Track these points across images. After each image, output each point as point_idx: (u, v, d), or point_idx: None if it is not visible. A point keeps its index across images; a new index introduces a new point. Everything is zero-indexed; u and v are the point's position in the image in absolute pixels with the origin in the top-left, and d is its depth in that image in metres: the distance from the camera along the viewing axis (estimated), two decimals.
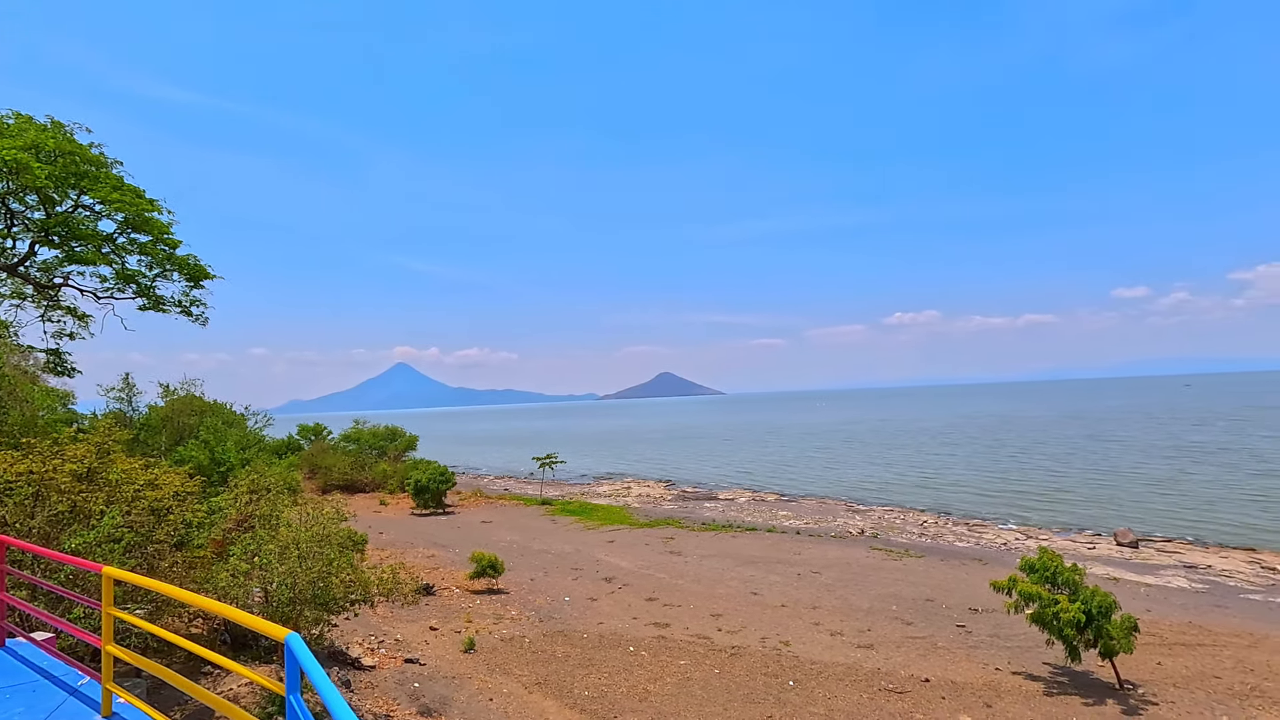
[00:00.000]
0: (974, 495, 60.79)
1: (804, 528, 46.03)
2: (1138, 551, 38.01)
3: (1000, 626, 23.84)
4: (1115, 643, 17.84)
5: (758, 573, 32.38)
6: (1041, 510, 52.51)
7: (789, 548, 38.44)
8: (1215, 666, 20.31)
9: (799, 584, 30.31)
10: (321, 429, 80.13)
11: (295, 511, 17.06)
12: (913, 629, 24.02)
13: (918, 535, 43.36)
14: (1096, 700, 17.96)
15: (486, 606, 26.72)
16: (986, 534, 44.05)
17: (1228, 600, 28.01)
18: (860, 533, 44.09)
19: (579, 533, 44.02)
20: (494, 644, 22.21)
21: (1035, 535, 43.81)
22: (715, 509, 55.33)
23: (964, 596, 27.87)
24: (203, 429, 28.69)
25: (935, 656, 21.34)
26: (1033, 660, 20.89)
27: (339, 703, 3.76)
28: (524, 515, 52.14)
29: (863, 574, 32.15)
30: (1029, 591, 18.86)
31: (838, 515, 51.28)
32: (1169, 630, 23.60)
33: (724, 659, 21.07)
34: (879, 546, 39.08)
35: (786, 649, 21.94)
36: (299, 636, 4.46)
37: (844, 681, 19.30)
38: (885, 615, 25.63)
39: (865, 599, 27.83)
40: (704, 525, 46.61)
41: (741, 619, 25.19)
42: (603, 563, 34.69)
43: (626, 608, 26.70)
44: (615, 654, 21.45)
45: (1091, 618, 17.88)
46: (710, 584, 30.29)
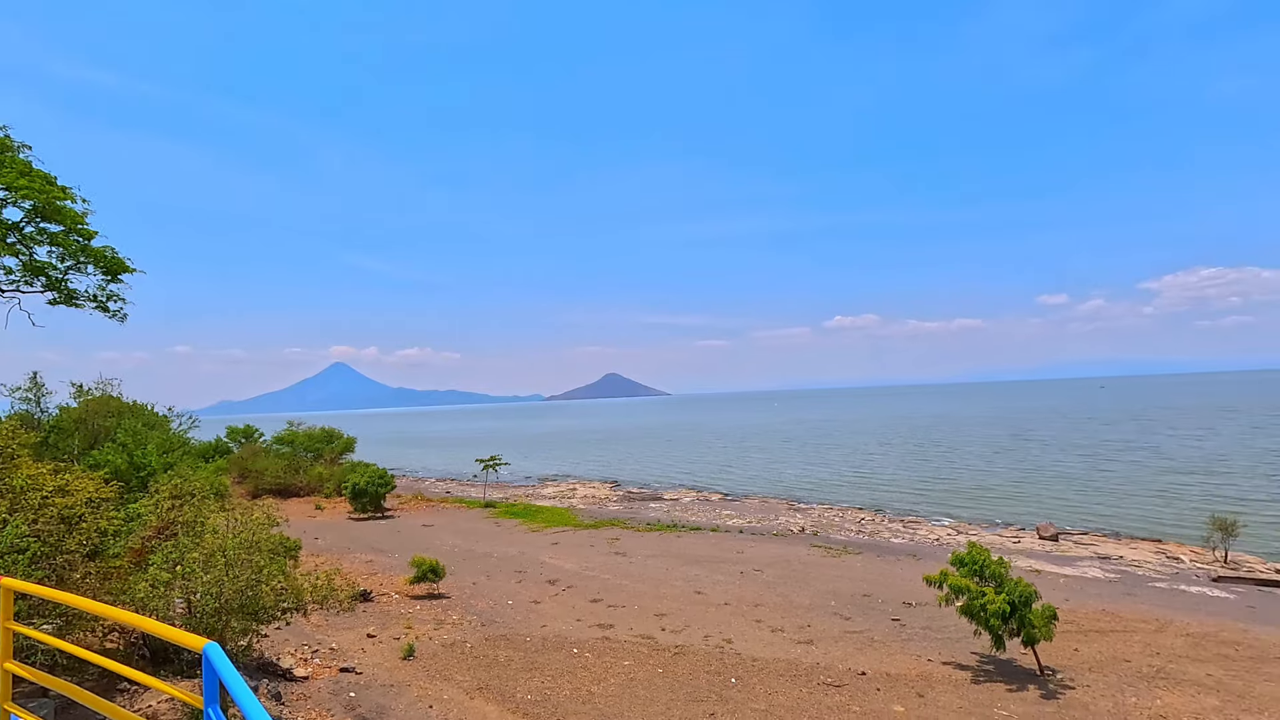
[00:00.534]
0: (908, 493, 63.02)
1: (747, 527, 46.75)
2: (1057, 544, 40.13)
3: (933, 619, 24.75)
4: (1036, 631, 18.79)
5: (702, 572, 32.69)
6: (971, 506, 54.87)
7: (732, 547, 38.97)
8: (1125, 650, 21.63)
9: (742, 582, 30.75)
10: (253, 431, 76.80)
11: (223, 517, 16.27)
12: (850, 624, 24.70)
13: (856, 532, 44.64)
14: (1019, 686, 18.87)
15: (427, 612, 26.11)
16: (920, 530, 45.72)
17: (1137, 588, 29.88)
18: (801, 531, 45.08)
19: (523, 535, 43.54)
20: (434, 650, 21.73)
21: (966, 531, 45.75)
22: (660, 509, 55.60)
23: (899, 591, 28.83)
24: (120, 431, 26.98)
25: (872, 650, 22.00)
26: (962, 650, 21.78)
27: (259, 713, 3.59)
28: (467, 518, 51.22)
29: (803, 571, 32.86)
30: (959, 585, 19.67)
31: (779, 514, 52.28)
32: (1085, 618, 24.99)
33: (668, 658, 21.19)
34: (819, 544, 40.04)
35: (729, 647, 22.23)
36: (217, 646, 4.25)
37: (784, 677, 19.68)
38: (825, 611, 26.27)
39: (806, 596, 28.45)
40: (649, 526, 46.79)
41: (685, 618, 25.38)
42: (547, 565, 34.40)
43: (570, 609, 26.55)
44: (559, 656, 21.29)
45: (1015, 608, 18.78)
46: (655, 584, 30.42)
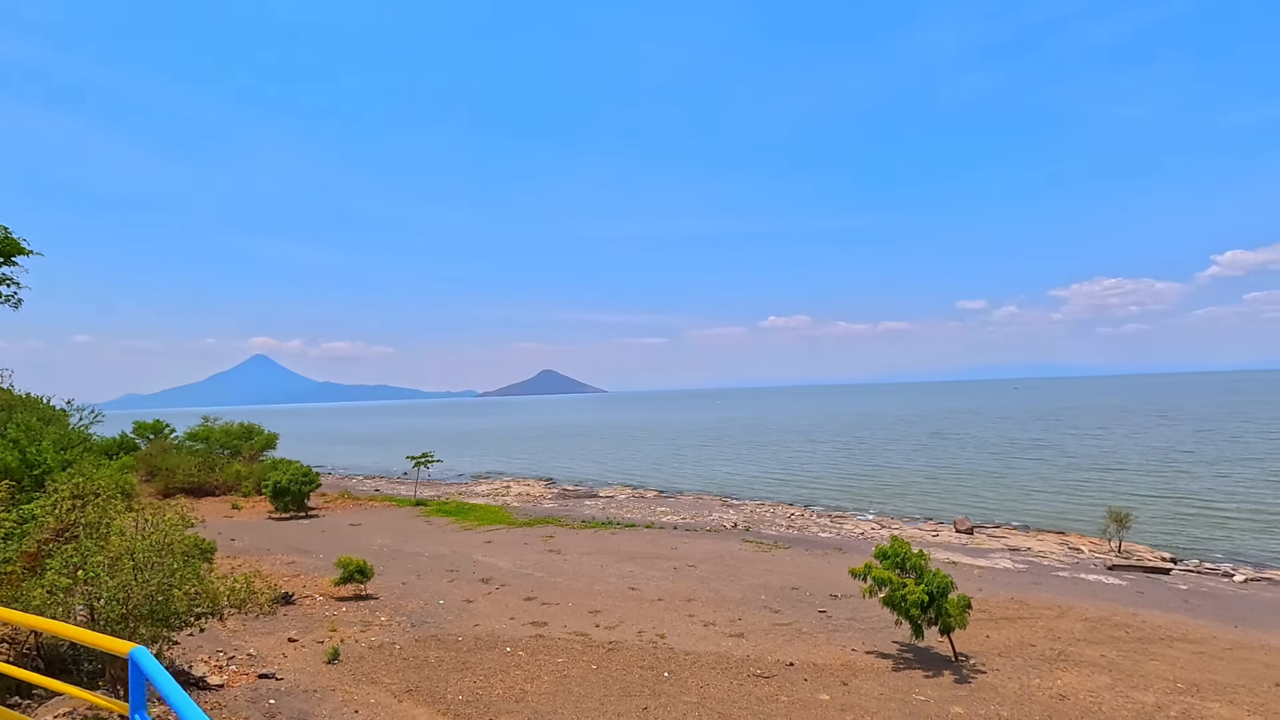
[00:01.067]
0: (836, 489, 65.24)
1: (681, 523, 47.33)
2: (973, 537, 42.39)
3: (857, 610, 25.74)
4: (952, 620, 19.84)
5: (636, 568, 32.92)
6: (894, 502, 57.28)
7: (666, 543, 39.39)
8: (1031, 636, 23.09)
9: (675, 578, 31.14)
10: (162, 426, 72.38)
11: (131, 518, 15.29)
12: (780, 616, 25.40)
13: (786, 527, 45.89)
14: (936, 672, 19.87)
15: (353, 613, 25.30)
16: (847, 524, 47.41)
17: (1043, 578, 31.92)
18: (734, 526, 46.01)
19: (455, 534, 42.71)
20: (361, 652, 21.08)
21: (889, 525, 47.73)
22: (596, 506, 55.61)
23: (826, 584, 29.82)
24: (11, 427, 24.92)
25: (800, 641, 22.69)
26: (884, 640, 22.75)
27: (198, 716, 3.43)
28: (397, 517, 49.83)
29: (735, 566, 33.55)
30: (882, 577, 20.54)
31: (713, 510, 53.17)
32: (996, 606, 26.52)
33: (602, 654, 21.25)
34: (750, 539, 40.95)
35: (663, 641, 22.48)
36: (145, 650, 4.04)
37: (716, 670, 20.07)
38: (755, 605, 26.91)
39: (737, 590, 29.06)
40: (584, 523, 46.73)
41: (620, 614, 25.51)
42: (480, 563, 33.89)
43: (504, 608, 26.26)
44: (491, 655, 21.04)
45: (933, 598, 19.77)
46: (589, 581, 30.43)
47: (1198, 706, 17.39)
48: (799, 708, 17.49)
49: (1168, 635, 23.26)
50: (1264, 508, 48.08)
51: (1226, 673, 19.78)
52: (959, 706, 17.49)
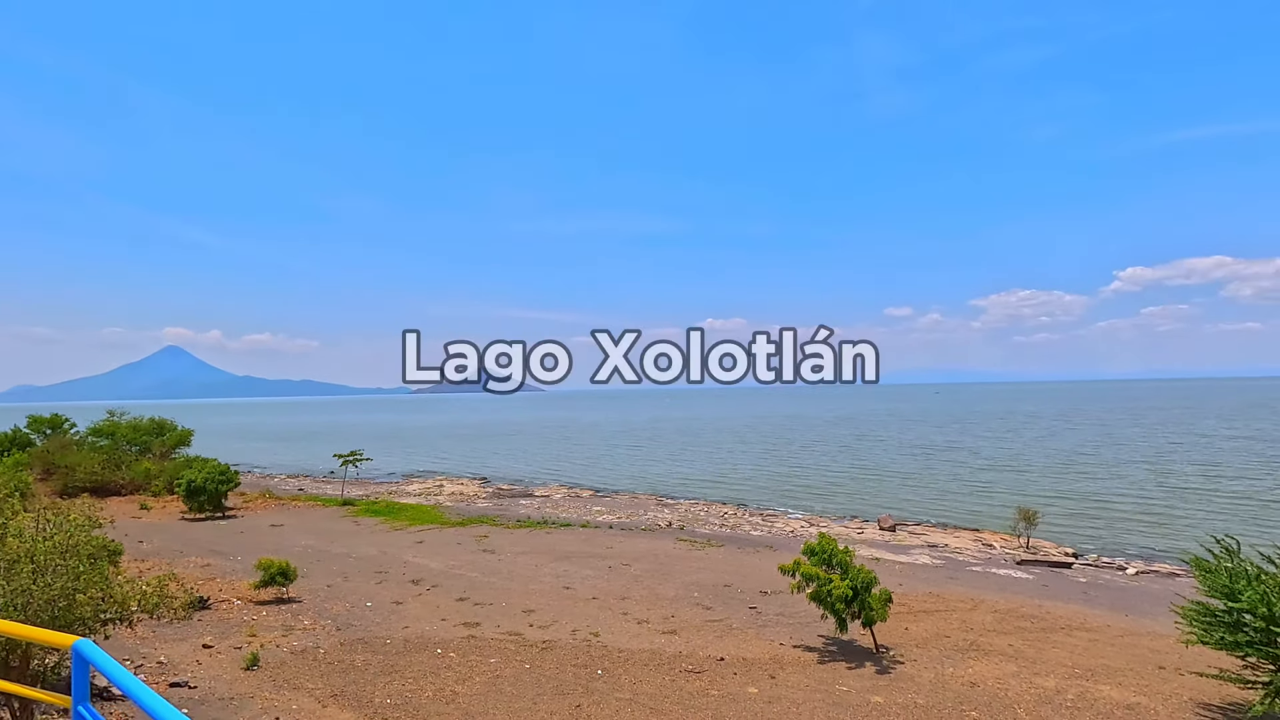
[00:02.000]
0: (767, 488, 66.90)
1: (617, 522, 47.54)
2: (895, 535, 44.32)
3: (786, 606, 26.52)
4: (874, 613, 20.75)
5: (571, 567, 32.89)
6: (822, 500, 59.23)
7: (602, 542, 39.50)
8: (946, 628, 24.37)
9: (610, 576, 31.29)
10: (61, 420, 67.49)
11: (30, 518, 14.29)
12: (711, 613, 25.92)
13: (719, 526, 46.76)
14: (858, 664, 20.74)
15: (274, 618, 24.32)
16: (778, 523, 48.72)
17: (958, 572, 33.70)
18: (668, 525, 46.56)
19: (385, 534, 41.58)
20: (282, 658, 20.30)
21: (817, 523, 49.31)
22: (531, 506, 55.17)
23: (757, 581, 30.59)
24: None
25: (730, 637, 23.23)
26: (810, 634, 23.55)
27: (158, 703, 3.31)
28: (322, 517, 48.05)
29: (670, 564, 33.99)
30: (809, 573, 21.29)
31: (648, 509, 53.63)
32: (915, 600, 27.83)
33: (535, 654, 21.18)
34: (685, 538, 41.54)
35: (596, 640, 22.59)
36: (89, 641, 3.88)
37: (649, 666, 20.33)
38: (688, 602, 27.36)
39: (671, 588, 29.47)
40: (519, 522, 46.31)
41: (554, 613, 25.46)
42: (411, 564, 33.13)
43: (435, 609, 25.78)
44: (421, 658, 20.65)
45: (857, 593, 20.63)
46: (524, 581, 30.23)
47: (1092, 689, 18.79)
48: (728, 701, 17.94)
49: (1068, 625, 24.98)
50: (1152, 507, 52.25)
51: (1118, 658, 21.42)
52: (879, 696, 18.32)
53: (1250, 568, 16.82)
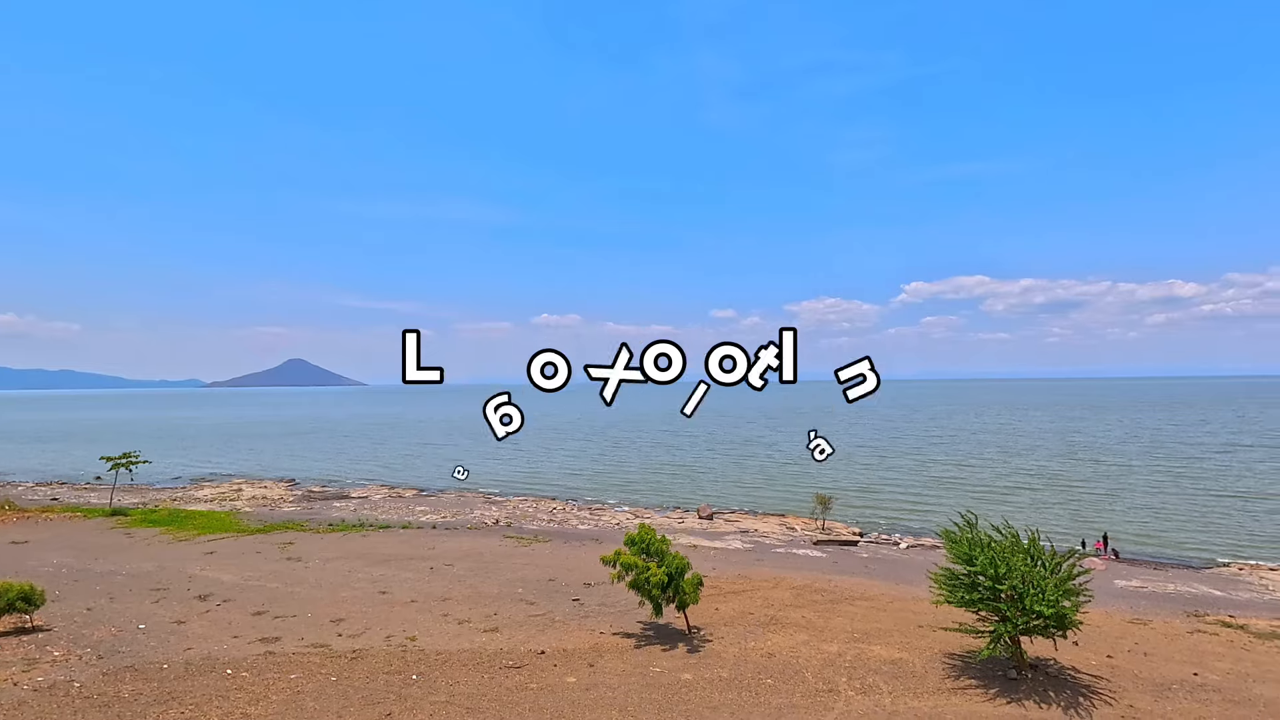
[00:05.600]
0: (595, 482, 68.29)
1: (441, 521, 45.91)
2: (712, 522, 47.31)
3: (608, 596, 27.32)
4: (687, 597, 22.11)
5: (389, 571, 31.29)
6: (647, 493, 61.62)
7: (424, 542, 37.98)
8: (751, 606, 26.55)
9: (431, 578, 30.22)
10: None
11: None
12: (535, 608, 26.01)
13: (547, 521, 46.92)
14: (672, 645, 21.96)
15: (13, 651, 20.55)
16: (604, 516, 49.92)
17: (764, 555, 36.79)
18: (495, 523, 45.84)
19: (166, 546, 36.68)
20: (23, 697, 17.26)
21: (642, 514, 51.23)
22: (346, 508, 51.53)
23: (582, 573, 31.16)
24: None
25: (552, 630, 23.49)
26: (630, 621, 24.50)
27: None
28: (83, 530, 41.22)
29: (494, 562, 33.53)
30: (629, 562, 22.16)
31: (475, 507, 52.39)
32: (725, 582, 29.98)
33: (343, 664, 19.93)
34: (511, 535, 41.17)
35: (413, 644, 21.75)
36: None
37: (468, 666, 19.98)
38: (512, 598, 27.22)
39: (495, 585, 29.11)
40: (331, 526, 43.07)
41: (366, 620, 24.10)
42: (198, 578, 29.57)
43: (226, 626, 23.27)
44: (206, 681, 18.58)
45: (672, 579, 21.84)
46: (333, 588, 28.24)
47: (866, 650, 21.52)
48: (546, 692, 18.18)
49: (851, 595, 28.31)
50: (915, 490, 60.79)
51: (889, 621, 24.70)
52: (688, 673, 19.57)
53: (984, 538, 20.27)
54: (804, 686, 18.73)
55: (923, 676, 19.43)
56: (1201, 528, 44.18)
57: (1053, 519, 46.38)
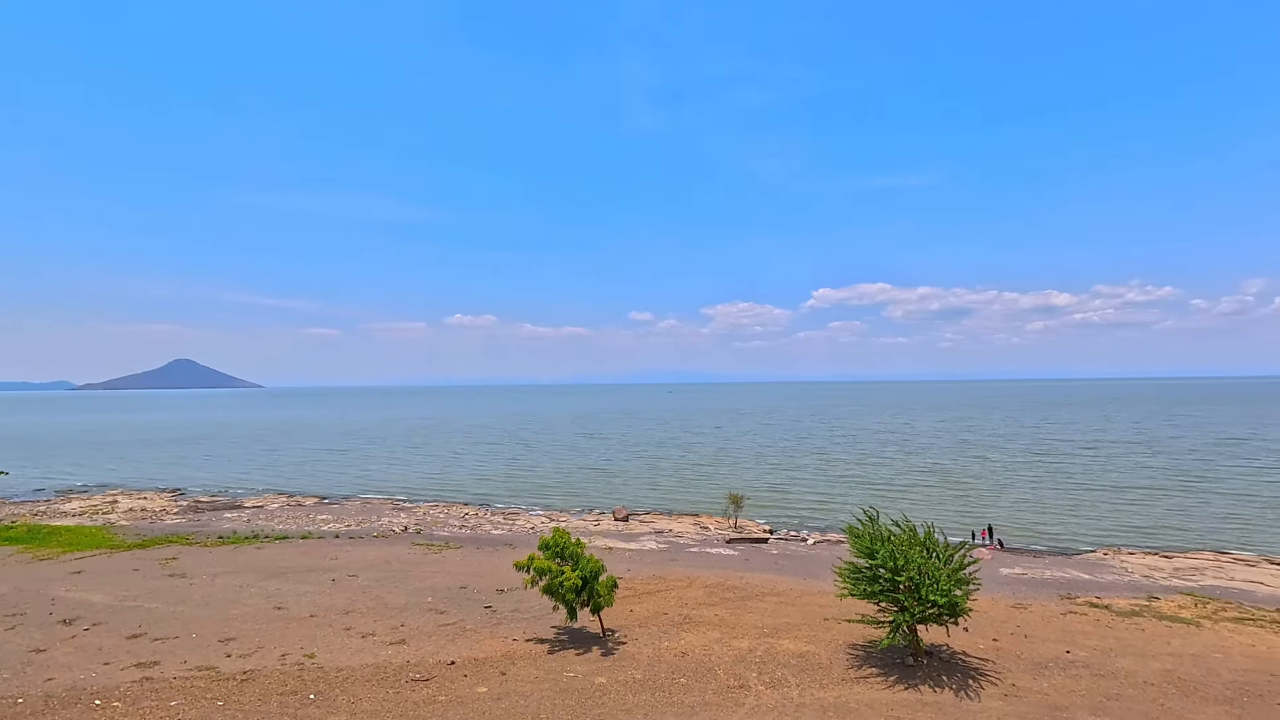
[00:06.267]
0: (509, 486, 66.98)
1: (345, 530, 43.72)
2: (627, 524, 47.41)
3: (521, 602, 26.82)
4: (601, 600, 22.01)
5: (286, 584, 29.47)
6: (562, 496, 61.03)
7: (325, 553, 36.04)
8: (665, 605, 26.77)
9: (333, 590, 28.69)
10: None
11: None
12: (445, 617, 25.17)
13: (459, 527, 45.58)
14: (586, 649, 21.79)
15: None
16: (519, 520, 49.01)
17: (679, 555, 37.21)
18: (404, 530, 44.09)
19: (24, 566, 33.06)
20: None
21: (557, 518, 50.68)
22: (239, 519, 48.14)
23: (495, 580, 30.45)
24: None
25: (463, 639, 22.79)
26: (543, 626, 24.13)
27: None
28: None
29: (402, 571, 32.23)
30: (543, 567, 21.83)
31: (382, 514, 50.23)
32: (640, 582, 30.10)
33: (232, 687, 18.55)
34: (421, 542, 39.74)
35: (311, 661, 20.54)
36: None
37: (371, 682, 19.06)
38: (420, 608, 26.23)
39: (402, 595, 27.98)
40: (221, 539, 40.13)
41: (260, 638, 22.56)
42: (63, 600, 26.80)
43: (96, 652, 21.19)
44: (70, 714, 16.82)
45: (586, 582, 21.69)
46: (223, 605, 26.29)
47: (775, 645, 22.13)
48: (456, 704, 17.60)
49: (762, 592, 29.06)
50: (822, 487, 63.33)
51: (797, 615, 25.51)
52: (602, 676, 19.46)
53: (885, 532, 21.31)
54: (716, 684, 19.03)
55: (828, 668, 20.17)
56: (1073, 518, 48.27)
57: (946, 513, 49.38)
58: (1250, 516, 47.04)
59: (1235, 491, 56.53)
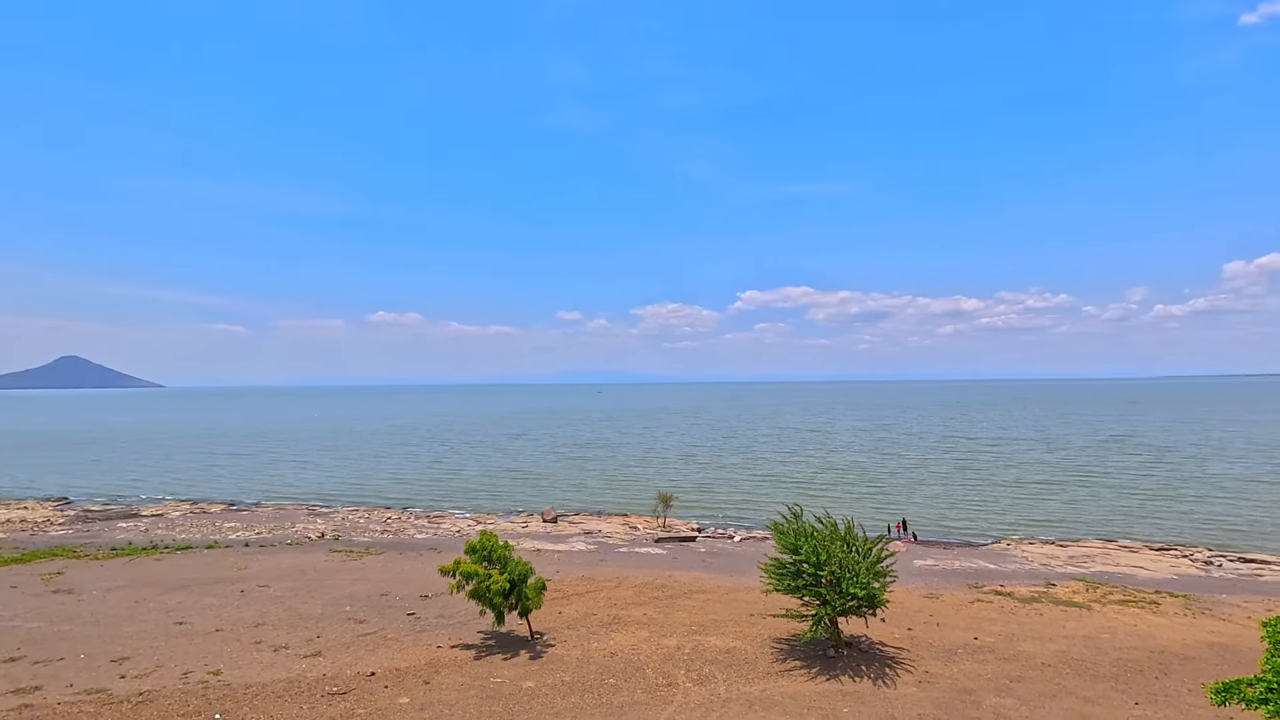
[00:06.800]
0: (434, 489, 65.14)
1: (255, 538, 41.36)
2: (556, 525, 46.98)
3: (447, 607, 26.11)
4: (530, 602, 21.69)
5: (189, 598, 27.61)
6: (489, 499, 59.87)
7: (233, 563, 33.99)
8: (594, 606, 26.66)
9: (242, 602, 27.09)
10: None
11: None
12: (364, 626, 24.20)
13: (381, 532, 43.95)
14: (514, 653, 21.42)
15: None
16: (444, 524, 47.71)
17: (608, 555, 37.15)
18: (321, 536, 42.13)
19: None
20: None
21: (484, 520, 49.63)
22: (135, 529, 44.73)
23: (418, 585, 29.52)
24: None
25: (384, 649, 21.97)
26: (470, 632, 23.57)
27: None
28: None
29: (318, 579, 30.79)
30: (469, 571, 21.31)
31: (297, 520, 47.83)
32: (569, 584, 29.86)
33: (126, 711, 17.20)
34: (340, 548, 38.09)
35: (217, 679, 19.30)
36: None
37: (284, 698, 18.09)
38: (338, 618, 25.12)
39: (318, 605, 26.71)
40: (115, 551, 37.21)
41: (159, 657, 21.03)
42: None
43: None
44: None
45: (514, 585, 21.32)
46: (116, 623, 24.36)
47: (703, 642, 22.42)
48: (376, 717, 16.93)
49: (690, 590, 29.39)
50: (748, 486, 64.80)
51: (724, 612, 25.94)
52: (530, 681, 19.18)
53: (808, 528, 21.96)
54: (645, 682, 19.10)
55: (754, 663, 20.60)
56: (980, 511, 51.25)
57: (864, 508, 51.44)
58: (1133, 508, 51.24)
59: (1120, 485, 61.46)
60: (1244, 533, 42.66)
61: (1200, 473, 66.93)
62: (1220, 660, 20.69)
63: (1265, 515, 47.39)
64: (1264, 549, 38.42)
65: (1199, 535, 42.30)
